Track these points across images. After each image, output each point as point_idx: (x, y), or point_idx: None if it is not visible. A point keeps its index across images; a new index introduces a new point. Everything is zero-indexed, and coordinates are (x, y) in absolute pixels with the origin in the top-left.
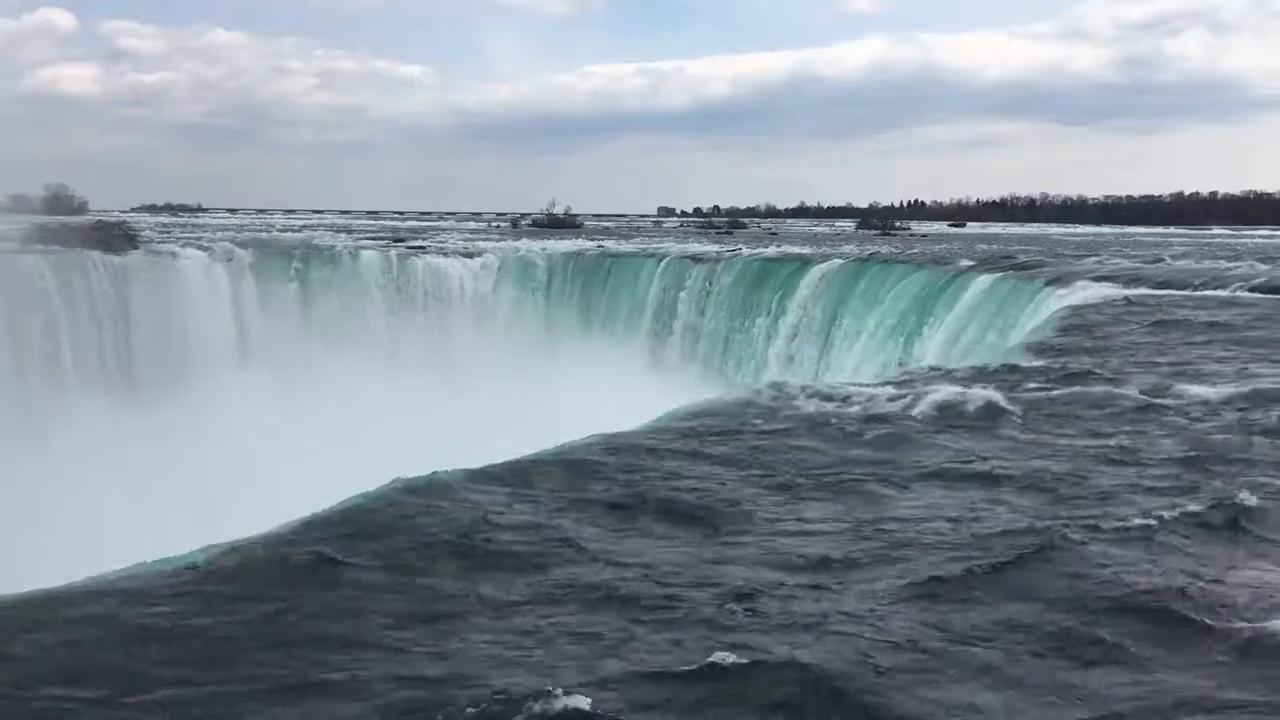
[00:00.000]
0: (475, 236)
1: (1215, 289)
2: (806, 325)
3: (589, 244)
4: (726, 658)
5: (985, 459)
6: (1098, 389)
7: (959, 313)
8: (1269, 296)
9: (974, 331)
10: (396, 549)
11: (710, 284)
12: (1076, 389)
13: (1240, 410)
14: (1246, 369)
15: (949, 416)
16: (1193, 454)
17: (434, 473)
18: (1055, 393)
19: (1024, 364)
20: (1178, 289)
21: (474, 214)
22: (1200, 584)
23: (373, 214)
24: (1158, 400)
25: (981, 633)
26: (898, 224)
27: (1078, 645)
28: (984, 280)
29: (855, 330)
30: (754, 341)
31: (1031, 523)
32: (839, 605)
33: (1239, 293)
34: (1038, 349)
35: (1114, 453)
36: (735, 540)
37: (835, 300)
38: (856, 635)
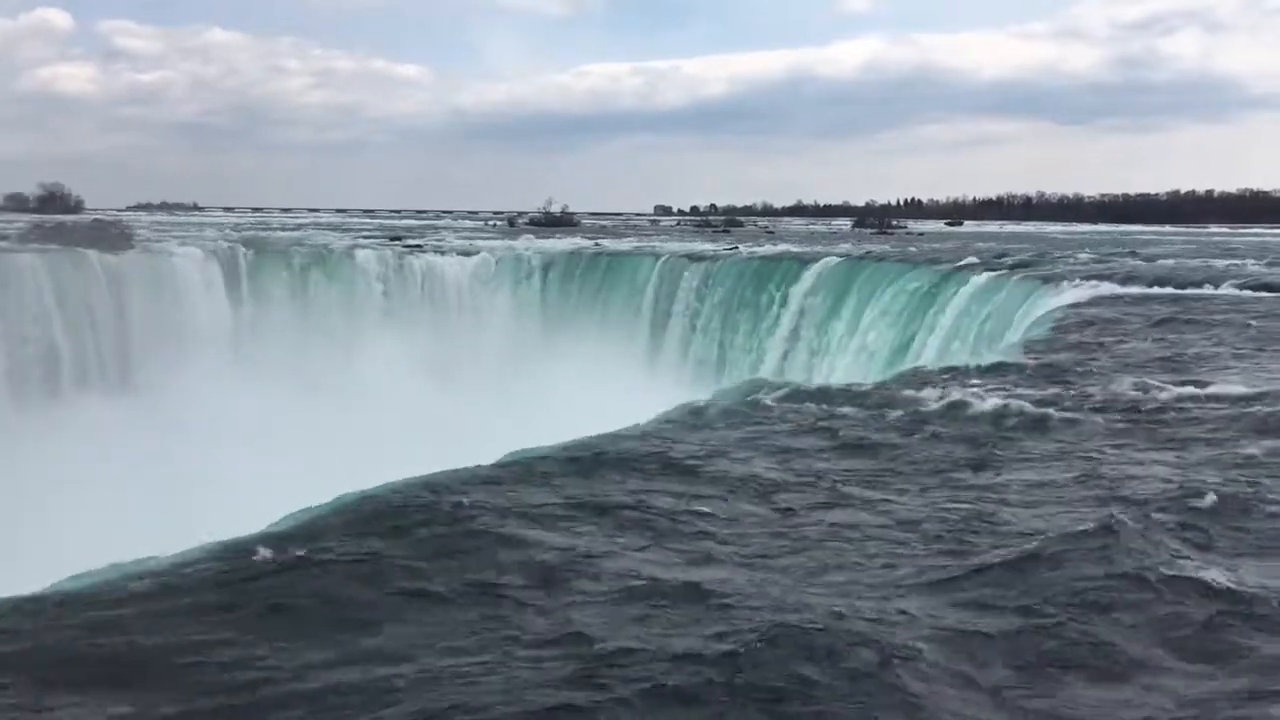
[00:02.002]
0: (472, 235)
1: (1212, 287)
2: (803, 323)
3: (586, 242)
4: (714, 654)
5: (980, 458)
6: (1095, 387)
7: (955, 311)
8: (1267, 295)
9: (970, 330)
10: (394, 550)
11: (707, 282)
12: (1074, 387)
13: (1241, 407)
14: (1245, 367)
15: (944, 416)
16: (1192, 452)
17: (427, 476)
18: (1052, 391)
19: (1021, 362)
20: (1174, 287)
21: (471, 213)
22: (1205, 583)
23: (369, 213)
24: (1158, 399)
25: (975, 633)
26: (894, 222)
27: (1072, 646)
28: (981, 278)
29: (851, 329)
30: (750, 340)
31: (1031, 522)
32: (828, 605)
33: (1237, 290)
34: (1035, 347)
35: (1113, 451)
36: (723, 542)
37: (832, 299)
38: (838, 631)
